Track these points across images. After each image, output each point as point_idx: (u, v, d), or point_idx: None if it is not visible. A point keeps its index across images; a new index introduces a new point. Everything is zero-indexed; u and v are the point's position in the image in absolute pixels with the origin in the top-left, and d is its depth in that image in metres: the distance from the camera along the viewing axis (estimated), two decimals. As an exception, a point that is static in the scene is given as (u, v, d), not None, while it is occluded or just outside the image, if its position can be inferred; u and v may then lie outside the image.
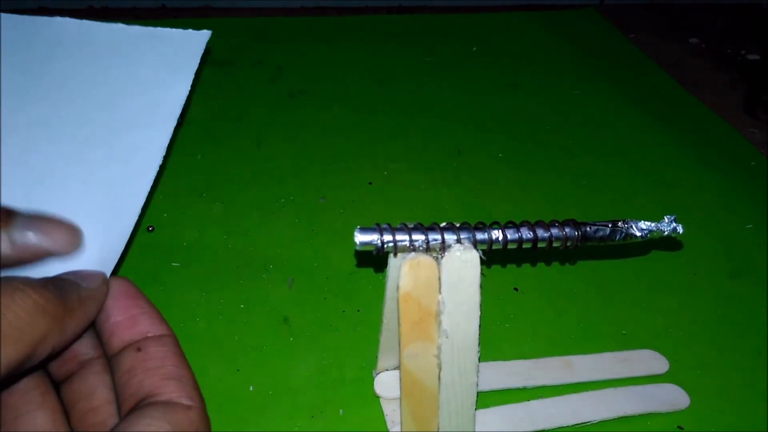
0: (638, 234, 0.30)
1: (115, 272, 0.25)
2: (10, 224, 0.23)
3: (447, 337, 0.27)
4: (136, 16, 0.69)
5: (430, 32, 0.70)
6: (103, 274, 0.24)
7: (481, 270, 0.27)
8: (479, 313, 0.27)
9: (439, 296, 0.27)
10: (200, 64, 0.26)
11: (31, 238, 0.23)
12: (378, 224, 0.27)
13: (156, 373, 0.22)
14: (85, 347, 0.25)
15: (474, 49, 0.67)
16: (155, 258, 0.40)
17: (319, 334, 0.36)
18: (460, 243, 0.27)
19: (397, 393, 0.30)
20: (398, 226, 0.27)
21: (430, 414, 0.28)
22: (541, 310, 0.39)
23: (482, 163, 0.51)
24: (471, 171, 0.50)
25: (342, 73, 0.61)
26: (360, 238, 0.26)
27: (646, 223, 0.30)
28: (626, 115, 0.58)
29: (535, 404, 0.33)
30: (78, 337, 0.23)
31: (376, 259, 0.40)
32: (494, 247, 0.28)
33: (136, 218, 0.26)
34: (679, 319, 0.39)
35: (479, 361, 0.28)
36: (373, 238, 0.26)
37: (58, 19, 0.26)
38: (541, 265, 0.42)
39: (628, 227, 0.30)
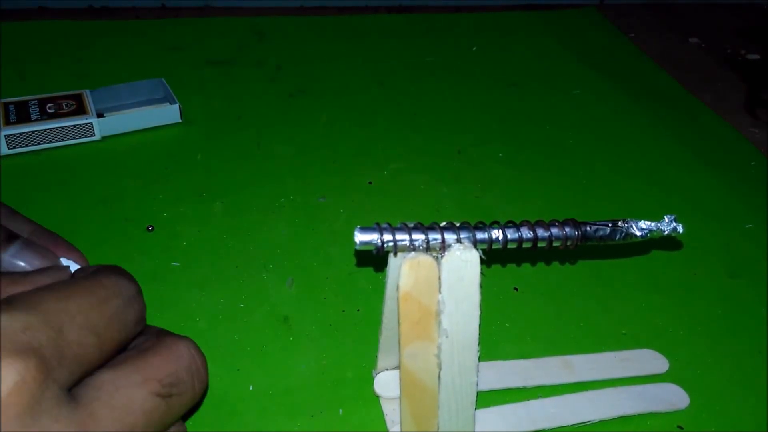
0: (638, 234, 0.30)
1: None
2: (5, 250, 0.26)
3: (447, 337, 0.27)
4: (136, 16, 0.69)
5: (430, 32, 0.70)
6: None
7: (481, 269, 0.27)
8: (479, 312, 0.27)
9: (439, 296, 0.27)
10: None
11: (18, 266, 0.27)
12: (378, 224, 0.27)
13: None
14: None
15: (474, 49, 0.67)
16: (155, 258, 0.40)
17: (319, 334, 0.36)
18: (460, 242, 0.27)
19: (396, 393, 0.30)
20: (398, 226, 0.27)
21: (430, 413, 0.28)
22: (541, 310, 0.39)
23: (482, 163, 0.51)
24: (471, 171, 0.50)
25: (342, 73, 0.61)
26: (360, 237, 0.26)
27: (646, 222, 0.30)
28: (626, 115, 0.58)
29: (534, 404, 0.33)
30: None
31: (376, 259, 0.40)
32: (494, 246, 0.28)
33: None
34: (679, 319, 0.39)
35: (479, 361, 0.28)
36: (373, 237, 0.26)
37: None
38: (541, 264, 0.42)
39: (628, 227, 0.30)
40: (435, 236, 0.26)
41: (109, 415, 0.21)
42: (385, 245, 0.26)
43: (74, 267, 0.29)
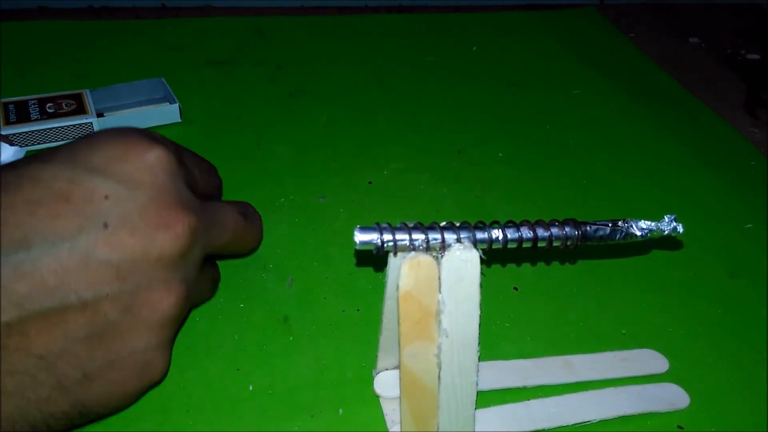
0: (638, 233, 0.30)
1: None
2: None
3: (447, 337, 0.27)
4: (136, 16, 0.69)
5: (430, 32, 0.70)
6: None
7: (481, 269, 0.27)
8: (479, 312, 0.27)
9: (439, 296, 0.27)
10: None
11: None
12: (378, 223, 0.27)
13: None
14: None
15: (474, 49, 0.67)
16: (155, 258, 0.40)
17: (319, 334, 0.36)
18: (460, 242, 0.27)
19: (396, 392, 0.30)
20: (398, 226, 0.27)
21: (430, 413, 0.28)
22: (541, 310, 0.39)
23: (482, 163, 0.51)
24: (471, 170, 0.50)
25: (342, 73, 0.61)
26: (360, 237, 0.26)
27: (647, 222, 0.30)
28: (626, 115, 0.58)
29: (534, 404, 0.33)
30: None
31: (376, 259, 0.40)
32: (494, 246, 0.28)
33: None
34: (679, 319, 0.39)
35: (479, 361, 0.28)
36: (372, 237, 0.26)
37: None
38: (541, 264, 0.42)
39: (628, 227, 0.30)
40: (435, 236, 0.26)
41: (216, 216, 0.32)
42: (385, 245, 0.26)
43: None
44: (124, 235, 0.26)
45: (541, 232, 0.29)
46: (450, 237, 0.27)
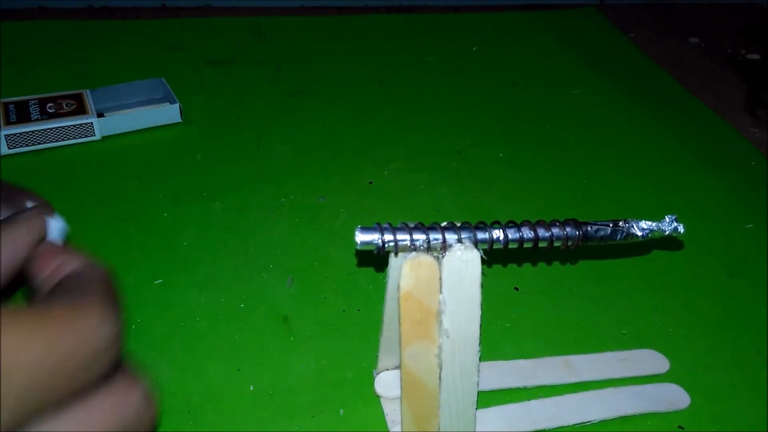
0: (639, 234, 0.30)
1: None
2: None
3: (448, 337, 0.27)
4: (136, 16, 0.69)
5: (430, 32, 0.70)
6: None
7: (482, 269, 0.27)
8: (480, 312, 0.27)
9: (440, 296, 0.27)
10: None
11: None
12: (379, 224, 0.27)
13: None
14: None
15: (474, 49, 0.67)
16: (155, 258, 0.40)
17: (319, 334, 0.36)
18: (461, 242, 0.27)
19: (397, 393, 0.30)
20: (399, 226, 0.27)
21: (431, 413, 0.28)
22: (541, 310, 0.39)
23: (482, 163, 0.51)
24: (471, 170, 0.50)
25: (342, 73, 0.61)
26: (361, 237, 0.26)
27: (647, 222, 0.30)
28: (626, 115, 0.58)
29: (535, 404, 0.33)
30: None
31: (376, 259, 0.40)
32: (495, 246, 0.28)
33: None
34: (679, 319, 0.39)
35: (480, 361, 0.28)
36: (373, 237, 0.26)
37: None
38: (541, 264, 0.42)
39: (629, 227, 0.30)
40: (436, 236, 0.26)
41: None
42: (386, 245, 0.26)
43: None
44: None
45: (542, 233, 0.29)
46: (451, 237, 0.27)
